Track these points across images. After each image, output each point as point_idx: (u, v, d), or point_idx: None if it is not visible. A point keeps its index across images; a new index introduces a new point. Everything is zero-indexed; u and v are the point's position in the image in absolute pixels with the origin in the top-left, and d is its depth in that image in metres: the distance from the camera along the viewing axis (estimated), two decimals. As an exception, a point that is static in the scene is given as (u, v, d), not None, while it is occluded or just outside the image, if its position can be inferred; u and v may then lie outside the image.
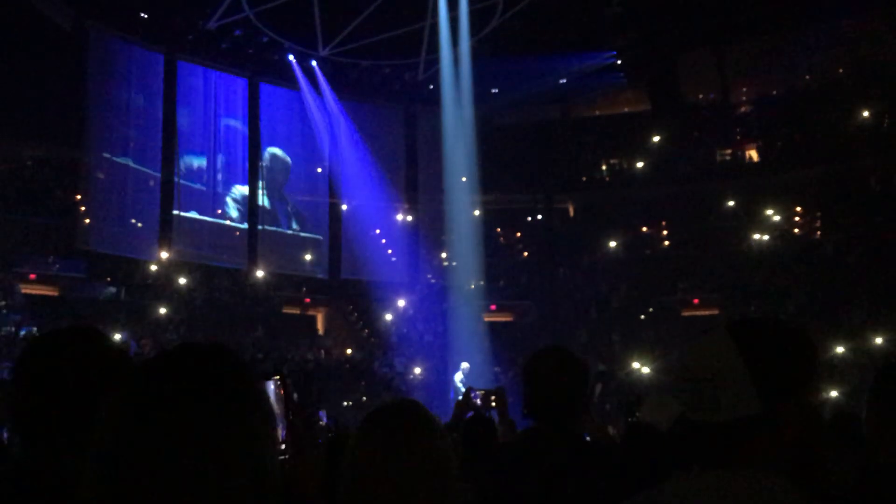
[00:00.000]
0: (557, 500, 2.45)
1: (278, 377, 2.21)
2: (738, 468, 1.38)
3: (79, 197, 23.63)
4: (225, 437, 1.05)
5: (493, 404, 3.99)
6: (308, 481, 2.05)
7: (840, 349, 19.35)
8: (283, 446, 2.10)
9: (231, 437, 1.05)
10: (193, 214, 25.18)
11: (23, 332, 18.92)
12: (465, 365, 17.84)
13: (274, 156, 27.42)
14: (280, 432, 2.04)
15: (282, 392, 2.19)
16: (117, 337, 19.60)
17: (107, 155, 23.71)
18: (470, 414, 4.26)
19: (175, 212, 24.72)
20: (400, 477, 1.64)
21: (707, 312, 23.91)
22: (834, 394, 16.61)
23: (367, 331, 26.15)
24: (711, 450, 1.40)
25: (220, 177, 26.18)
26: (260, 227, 26.57)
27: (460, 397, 4.27)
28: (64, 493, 1.58)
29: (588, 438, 3.08)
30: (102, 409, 1.08)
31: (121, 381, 1.10)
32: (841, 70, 26.52)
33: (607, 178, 29.80)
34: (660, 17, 25.14)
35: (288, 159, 27.66)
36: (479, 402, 4.07)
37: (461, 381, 17.09)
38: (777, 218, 26.04)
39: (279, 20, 24.09)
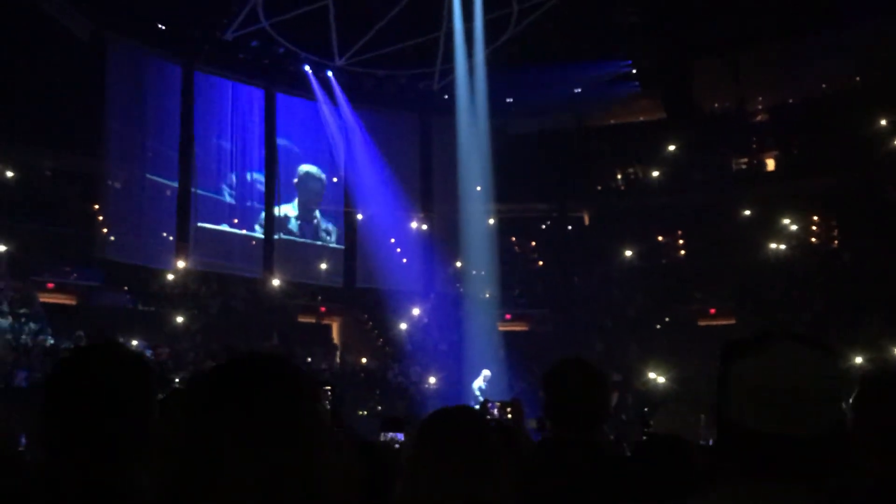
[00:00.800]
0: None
1: (328, 388, 2.24)
2: (805, 480, 1.36)
3: (96, 206, 23.80)
4: (288, 441, 1.08)
5: (510, 415, 3.99)
6: (340, 490, 2.08)
7: (858, 359, 19.18)
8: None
9: (286, 444, 1.08)
10: (210, 224, 25.30)
11: (40, 340, 19.05)
12: (486, 372, 17.80)
13: (308, 173, 27.54)
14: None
15: (328, 404, 2.21)
16: (133, 343, 19.71)
17: (124, 165, 23.89)
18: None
19: (192, 221, 24.85)
20: (461, 480, 1.68)
21: (723, 322, 23.79)
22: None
23: (381, 339, 26.17)
24: (780, 462, 1.37)
25: (237, 190, 26.28)
26: (276, 236, 26.66)
27: (477, 406, 4.27)
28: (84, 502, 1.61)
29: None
30: (170, 414, 1.11)
31: (186, 389, 1.13)
32: (857, 78, 26.37)
33: (622, 187, 29.74)
34: (674, 25, 25.11)
35: (322, 176, 27.78)
36: (496, 412, 4.07)
37: (479, 389, 17.05)
38: (794, 227, 25.89)
39: (295, 31, 24.23)
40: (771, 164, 28.25)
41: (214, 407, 1.09)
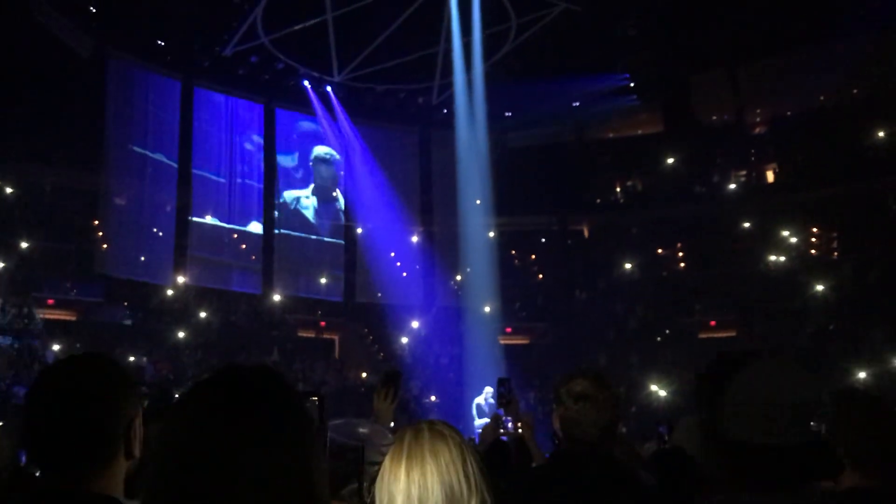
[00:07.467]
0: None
1: (316, 398, 2.23)
2: (787, 488, 1.40)
3: (96, 222, 23.82)
4: (277, 451, 1.07)
5: (521, 429, 3.95)
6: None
7: (861, 372, 19.15)
8: None
9: (282, 452, 1.07)
10: (210, 240, 25.31)
11: (40, 356, 18.98)
12: (489, 389, 17.67)
13: (318, 157, 27.60)
14: None
15: (318, 414, 2.21)
16: (131, 359, 19.67)
17: (125, 180, 23.91)
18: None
19: (192, 237, 24.87)
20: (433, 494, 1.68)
21: (724, 334, 23.74)
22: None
23: (382, 354, 26.10)
24: (765, 470, 1.43)
25: (236, 206, 26.30)
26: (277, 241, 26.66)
27: (486, 420, 4.23)
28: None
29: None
30: (157, 427, 1.10)
31: (176, 401, 1.13)
32: (855, 90, 26.43)
33: (622, 200, 29.76)
34: (673, 38, 25.18)
35: (336, 155, 27.83)
36: (510, 426, 4.04)
37: (477, 406, 16.89)
38: (794, 239, 25.87)
39: (294, 46, 24.33)
40: (770, 176, 28.27)
41: (201, 421, 1.08)
